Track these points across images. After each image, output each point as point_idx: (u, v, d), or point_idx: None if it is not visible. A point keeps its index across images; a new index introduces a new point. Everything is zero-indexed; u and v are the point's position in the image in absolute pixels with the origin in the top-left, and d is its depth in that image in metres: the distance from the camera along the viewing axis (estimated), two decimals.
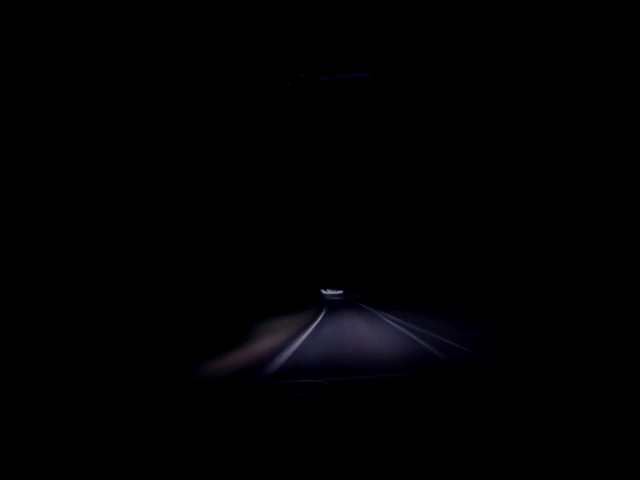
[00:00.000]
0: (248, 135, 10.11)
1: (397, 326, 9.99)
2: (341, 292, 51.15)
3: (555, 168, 8.13)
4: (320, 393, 1.72)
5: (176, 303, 5.90)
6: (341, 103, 9.56)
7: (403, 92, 9.16)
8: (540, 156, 8.55)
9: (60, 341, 3.45)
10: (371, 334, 8.13)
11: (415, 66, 7.99)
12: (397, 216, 28.83)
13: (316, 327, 10.59)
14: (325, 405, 1.57)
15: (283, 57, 7.51)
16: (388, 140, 14.24)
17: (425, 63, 7.88)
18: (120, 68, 5.54)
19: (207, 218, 8.11)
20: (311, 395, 1.70)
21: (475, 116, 9.92)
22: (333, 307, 22.21)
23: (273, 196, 14.19)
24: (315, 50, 7.47)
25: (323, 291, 50.13)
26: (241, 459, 1.17)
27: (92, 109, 5.11)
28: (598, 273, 7.13)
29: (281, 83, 8.03)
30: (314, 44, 7.35)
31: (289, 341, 7.47)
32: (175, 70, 6.64)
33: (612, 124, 6.53)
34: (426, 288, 21.71)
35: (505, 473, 1.04)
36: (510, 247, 11.11)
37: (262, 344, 6.63)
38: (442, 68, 8.05)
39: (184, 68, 6.78)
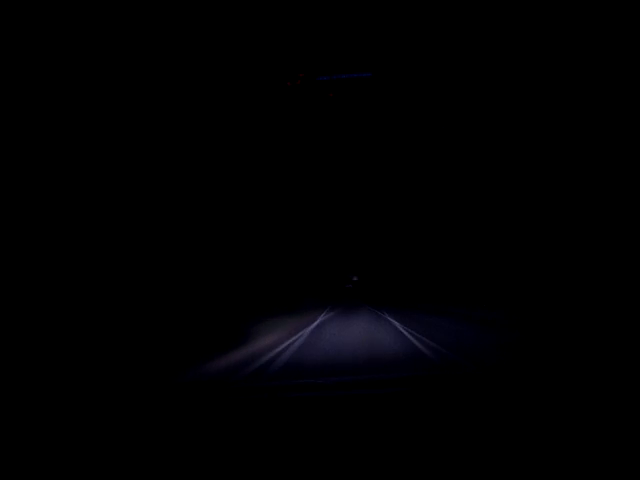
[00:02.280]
0: (248, 135, 10.11)
1: None
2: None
3: (558, 168, 8.14)
4: (320, 393, 1.71)
5: (170, 305, 5.89)
6: (341, 103, 9.57)
7: (403, 92, 9.17)
8: (543, 156, 8.55)
9: (57, 341, 3.44)
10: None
11: (415, 66, 7.99)
12: (397, 216, 28.86)
13: None
14: (325, 405, 1.56)
15: (283, 57, 7.51)
16: (389, 140, 14.25)
17: (425, 63, 7.89)
18: (121, 69, 5.54)
19: (205, 218, 8.10)
20: (311, 395, 1.69)
21: (477, 113, 9.92)
22: None
23: (271, 195, 14.20)
24: (315, 50, 7.47)
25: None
26: (240, 459, 1.15)
27: (92, 109, 5.10)
28: (599, 274, 7.13)
29: (281, 83, 8.02)
30: (314, 44, 7.35)
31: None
32: (175, 70, 6.63)
33: (612, 123, 6.54)
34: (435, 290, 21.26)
35: (503, 474, 1.03)
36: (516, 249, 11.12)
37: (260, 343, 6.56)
38: (442, 68, 8.05)
39: (184, 68, 6.77)
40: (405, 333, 7.58)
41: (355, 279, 52.04)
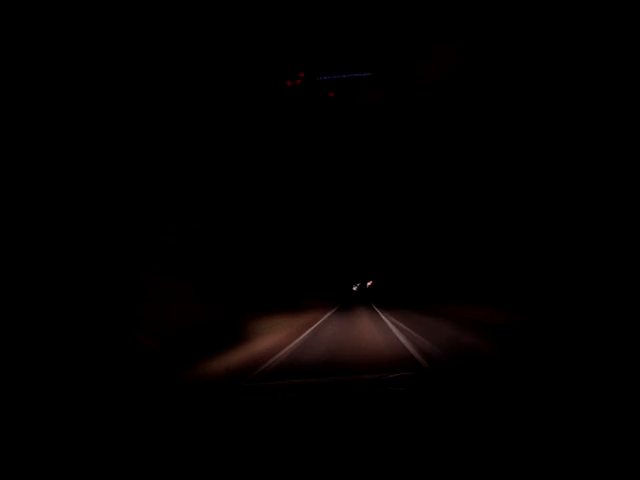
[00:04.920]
0: (248, 134, 10.10)
1: None
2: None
3: (559, 169, 8.13)
4: (319, 393, 1.72)
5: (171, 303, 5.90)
6: (341, 102, 9.56)
7: (403, 92, 9.16)
8: (543, 157, 8.54)
9: (58, 341, 3.45)
10: None
11: (415, 66, 7.98)
12: (399, 218, 28.79)
13: None
14: (323, 405, 1.57)
15: (283, 57, 7.50)
16: (390, 140, 14.22)
17: (425, 63, 7.88)
18: (121, 68, 5.54)
19: (206, 217, 8.12)
20: (310, 395, 1.70)
21: (477, 112, 9.91)
22: None
23: (269, 196, 14.18)
24: (315, 50, 7.47)
25: None
26: (239, 459, 1.17)
27: (92, 109, 5.10)
28: (599, 274, 7.12)
29: (281, 82, 8.02)
30: (314, 44, 7.34)
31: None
32: (176, 70, 6.63)
33: (613, 123, 6.52)
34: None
35: (500, 473, 1.03)
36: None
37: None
38: (442, 68, 8.04)
39: (185, 68, 6.77)
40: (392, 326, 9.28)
41: (355, 288, 57.14)
